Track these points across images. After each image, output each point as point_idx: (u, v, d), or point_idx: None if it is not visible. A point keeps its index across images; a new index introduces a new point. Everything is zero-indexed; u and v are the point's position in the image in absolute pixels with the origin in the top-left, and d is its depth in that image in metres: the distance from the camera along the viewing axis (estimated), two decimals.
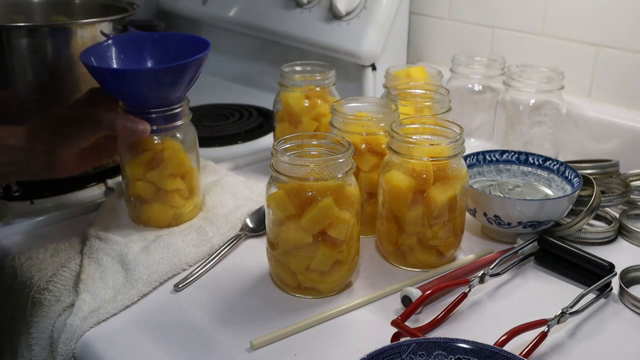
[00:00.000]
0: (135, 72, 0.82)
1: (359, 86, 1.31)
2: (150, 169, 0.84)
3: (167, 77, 0.79)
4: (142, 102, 0.81)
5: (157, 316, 0.72)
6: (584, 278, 0.77)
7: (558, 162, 0.92)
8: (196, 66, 0.80)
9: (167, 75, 0.79)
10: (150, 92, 0.80)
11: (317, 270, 0.73)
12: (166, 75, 0.79)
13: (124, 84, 0.78)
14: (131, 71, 0.83)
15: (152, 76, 0.79)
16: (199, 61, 0.80)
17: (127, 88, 0.79)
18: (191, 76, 0.81)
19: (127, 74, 0.79)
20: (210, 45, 0.82)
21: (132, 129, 0.79)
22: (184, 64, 0.78)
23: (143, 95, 0.80)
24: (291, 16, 1.34)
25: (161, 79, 0.79)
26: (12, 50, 0.92)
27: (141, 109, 0.81)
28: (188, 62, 0.78)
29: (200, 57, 0.79)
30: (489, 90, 1.15)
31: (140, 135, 0.80)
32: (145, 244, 0.83)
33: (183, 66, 0.78)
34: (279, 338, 0.68)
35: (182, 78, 0.80)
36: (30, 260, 0.80)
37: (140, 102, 0.81)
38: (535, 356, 0.65)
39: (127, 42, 0.88)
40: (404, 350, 0.57)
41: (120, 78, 0.79)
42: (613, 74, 1.08)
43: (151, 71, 0.83)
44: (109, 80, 0.79)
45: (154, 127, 0.82)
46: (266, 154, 1.12)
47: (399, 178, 0.76)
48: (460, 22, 1.28)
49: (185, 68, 0.79)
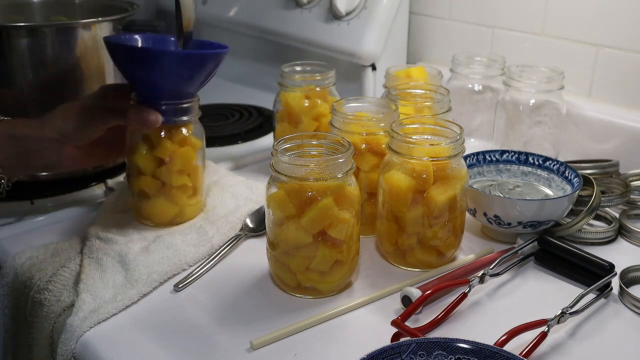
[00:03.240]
0: (158, 52, 0.82)
1: (359, 86, 1.31)
2: (160, 165, 0.85)
3: (186, 66, 0.80)
4: (156, 91, 0.82)
5: (157, 316, 0.72)
6: (584, 278, 0.77)
7: (558, 162, 0.92)
8: (215, 62, 0.81)
9: (187, 63, 0.80)
10: (168, 80, 0.81)
11: (317, 270, 0.73)
12: (187, 62, 0.80)
13: (145, 65, 0.79)
14: (154, 51, 0.84)
15: (174, 60, 0.79)
16: (218, 57, 0.81)
17: (147, 71, 0.79)
18: (208, 72, 0.82)
19: (150, 53, 0.80)
20: (228, 47, 0.84)
21: (143, 119, 0.79)
22: (205, 54, 0.81)
23: (160, 82, 0.81)
24: (291, 16, 1.34)
25: (181, 66, 0.80)
26: (12, 50, 0.92)
27: (153, 101, 0.82)
28: (208, 54, 0.81)
29: (220, 53, 0.81)
30: (489, 90, 1.15)
31: (150, 126, 0.80)
32: (145, 243, 0.83)
33: (203, 57, 0.80)
34: (279, 338, 0.68)
35: (199, 71, 0.81)
36: (30, 260, 0.81)
37: (154, 90, 0.82)
38: (535, 356, 0.65)
39: (151, 39, 0.90)
40: (404, 350, 0.57)
41: (143, 57, 0.79)
42: (613, 74, 1.08)
43: (174, 54, 0.83)
44: (130, 60, 0.80)
45: (164, 119, 0.83)
46: (266, 154, 1.12)
47: (399, 178, 0.76)
48: (460, 22, 1.28)
49: (205, 60, 0.80)
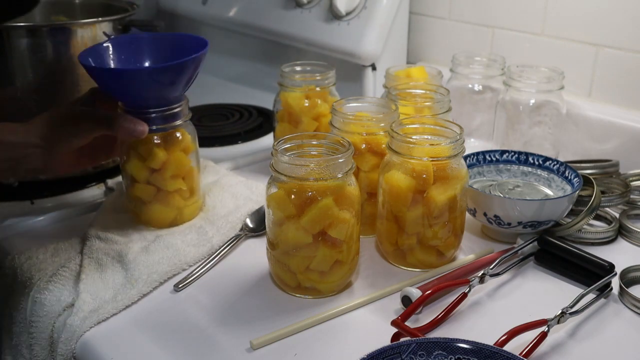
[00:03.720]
0: (132, 71, 0.81)
1: (359, 86, 1.31)
2: (153, 172, 0.84)
3: (164, 77, 0.79)
4: (141, 102, 0.81)
5: (157, 316, 0.72)
6: (584, 278, 0.77)
7: (558, 162, 0.92)
8: (194, 65, 0.79)
9: (164, 75, 0.78)
10: (149, 92, 0.80)
11: (317, 270, 0.73)
12: (164, 74, 0.78)
13: (122, 84, 0.78)
14: (128, 71, 0.82)
15: (150, 76, 0.79)
16: (196, 60, 0.79)
17: (125, 88, 0.78)
18: (189, 76, 0.80)
19: (124, 74, 0.79)
20: (208, 44, 0.82)
21: (130, 130, 0.78)
22: (181, 62, 0.78)
23: (141, 95, 0.80)
24: (291, 16, 1.34)
25: (159, 78, 0.78)
26: (12, 50, 0.92)
27: (140, 109, 0.81)
28: (185, 61, 0.78)
29: (197, 57, 0.79)
30: (489, 90, 1.15)
31: (138, 136, 0.79)
32: (145, 244, 0.83)
33: (180, 65, 0.78)
34: (279, 338, 0.68)
35: (180, 77, 0.79)
36: (30, 260, 0.80)
37: (138, 102, 0.81)
38: (535, 356, 0.65)
39: (127, 43, 0.87)
40: (404, 350, 0.57)
41: (117, 78, 0.78)
42: (613, 74, 1.08)
43: (148, 71, 0.82)
44: (107, 80, 0.79)
45: (154, 126, 0.82)
46: (266, 154, 1.12)
47: (399, 178, 0.76)
48: (460, 22, 1.28)
49: (183, 67, 0.78)
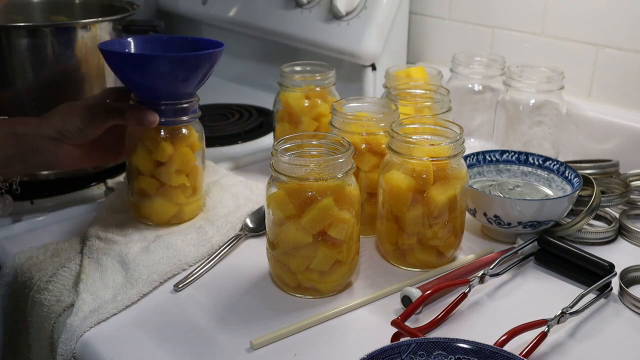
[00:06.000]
0: (152, 57, 0.83)
1: (359, 86, 1.31)
2: (158, 165, 0.85)
3: (181, 68, 0.80)
4: (155, 93, 0.82)
5: (157, 316, 0.72)
6: (584, 278, 0.77)
7: (558, 162, 0.92)
8: (210, 63, 0.82)
9: (181, 65, 0.80)
10: (164, 83, 0.81)
11: (317, 270, 0.73)
12: (180, 65, 0.80)
13: (140, 70, 0.79)
14: (148, 57, 0.84)
15: (168, 64, 0.80)
16: (212, 56, 0.82)
17: (142, 76, 0.80)
18: (204, 72, 0.82)
19: (144, 60, 0.81)
20: (224, 45, 0.84)
21: (140, 118, 0.80)
22: (199, 55, 0.81)
23: (156, 84, 0.81)
24: (291, 16, 1.34)
25: (175, 68, 0.80)
26: (12, 50, 0.92)
27: (152, 101, 0.82)
28: (203, 55, 0.81)
29: (214, 52, 0.82)
30: (489, 90, 1.15)
31: (148, 126, 0.81)
32: (145, 243, 0.83)
33: (197, 57, 0.81)
34: (279, 338, 0.68)
35: (195, 72, 0.81)
36: (30, 260, 0.81)
37: (153, 92, 0.82)
38: (535, 356, 0.65)
39: (146, 41, 0.90)
40: (404, 350, 0.57)
41: (137, 63, 0.80)
42: (613, 74, 1.08)
43: (167, 58, 0.83)
44: (125, 66, 0.81)
45: (163, 119, 0.83)
46: (266, 154, 1.12)
47: (399, 178, 0.76)
48: (460, 22, 1.28)
49: (200, 60, 0.81)
